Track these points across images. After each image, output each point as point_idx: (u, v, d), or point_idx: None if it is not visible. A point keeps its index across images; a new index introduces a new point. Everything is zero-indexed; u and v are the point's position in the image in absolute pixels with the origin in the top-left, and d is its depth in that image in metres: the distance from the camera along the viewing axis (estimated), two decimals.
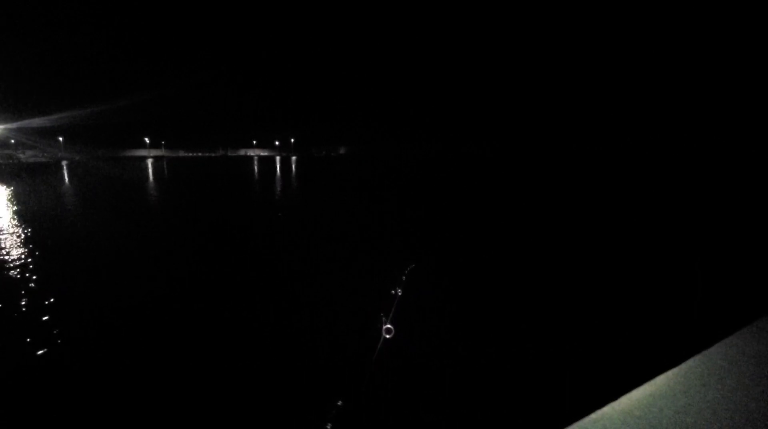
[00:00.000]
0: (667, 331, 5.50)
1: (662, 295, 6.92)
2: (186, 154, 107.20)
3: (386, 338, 1.97)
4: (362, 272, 8.31)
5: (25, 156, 72.05)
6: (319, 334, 5.57)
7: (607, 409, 1.76)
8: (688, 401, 1.80)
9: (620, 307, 6.49)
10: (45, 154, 77.09)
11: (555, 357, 4.88)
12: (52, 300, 6.77)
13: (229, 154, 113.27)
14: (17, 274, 8.14)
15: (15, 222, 13.76)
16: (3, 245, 10.45)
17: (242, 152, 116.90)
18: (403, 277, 2.27)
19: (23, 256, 9.38)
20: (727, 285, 7.03)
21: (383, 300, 2.02)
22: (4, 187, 26.97)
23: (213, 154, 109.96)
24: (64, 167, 55.13)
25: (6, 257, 9.30)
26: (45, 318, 6.08)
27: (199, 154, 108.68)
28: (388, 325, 2.00)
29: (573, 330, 5.63)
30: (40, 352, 5.13)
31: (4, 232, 12.15)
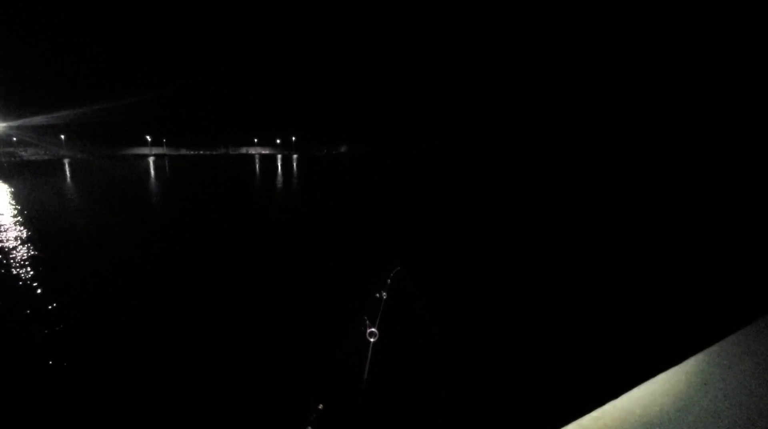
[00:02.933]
0: (668, 329, 5.49)
1: (664, 294, 6.91)
2: (188, 153, 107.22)
3: (371, 342, 1.97)
4: (349, 275, 8.30)
5: (27, 154, 72.12)
6: (302, 336, 5.56)
7: (608, 407, 1.74)
8: (690, 399, 1.77)
9: (622, 305, 6.48)
10: (47, 152, 77.17)
11: (555, 354, 4.87)
12: (54, 299, 6.79)
13: (231, 152, 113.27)
14: (19, 273, 8.16)
15: (17, 220, 13.79)
16: (6, 244, 10.48)
17: (243, 150, 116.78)
18: (389, 281, 2.26)
19: (26, 256, 9.41)
20: (728, 284, 7.02)
21: (368, 303, 2.02)
22: (7, 184, 27.01)
23: (214, 153, 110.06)
24: (66, 165, 55.18)
25: (9, 256, 9.32)
26: (46, 318, 6.11)
27: (201, 152, 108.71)
28: (373, 329, 2.00)
29: (574, 328, 5.63)
30: (40, 351, 5.15)
31: (7, 230, 12.18)
